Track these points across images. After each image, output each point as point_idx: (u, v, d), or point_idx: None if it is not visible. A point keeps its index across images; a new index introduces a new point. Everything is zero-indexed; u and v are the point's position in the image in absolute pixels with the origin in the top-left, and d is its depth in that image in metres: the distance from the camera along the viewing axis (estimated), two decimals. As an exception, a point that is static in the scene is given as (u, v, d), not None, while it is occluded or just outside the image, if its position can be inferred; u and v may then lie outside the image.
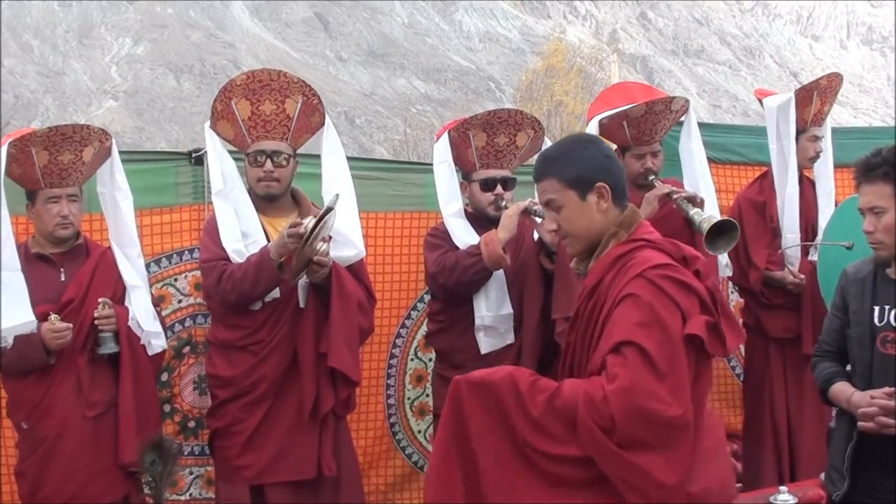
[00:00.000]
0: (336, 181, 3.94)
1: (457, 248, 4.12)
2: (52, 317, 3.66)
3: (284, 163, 3.94)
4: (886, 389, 3.04)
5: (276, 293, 3.84)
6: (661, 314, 2.46)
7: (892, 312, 3.12)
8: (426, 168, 4.88)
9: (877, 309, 3.16)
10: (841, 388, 3.22)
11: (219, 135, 3.99)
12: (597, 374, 2.49)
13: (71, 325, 3.69)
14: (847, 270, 3.33)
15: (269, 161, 3.91)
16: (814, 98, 4.69)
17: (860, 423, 3.07)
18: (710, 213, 4.30)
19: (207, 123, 4.03)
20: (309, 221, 3.62)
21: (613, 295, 2.54)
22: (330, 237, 3.81)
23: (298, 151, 4.09)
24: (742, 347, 5.26)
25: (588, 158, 2.66)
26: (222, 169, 3.93)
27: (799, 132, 4.73)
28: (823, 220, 4.63)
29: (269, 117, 3.92)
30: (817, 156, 4.76)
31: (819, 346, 3.42)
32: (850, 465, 3.14)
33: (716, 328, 2.52)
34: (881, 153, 3.12)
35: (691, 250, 2.64)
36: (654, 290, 2.49)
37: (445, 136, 4.23)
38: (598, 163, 2.66)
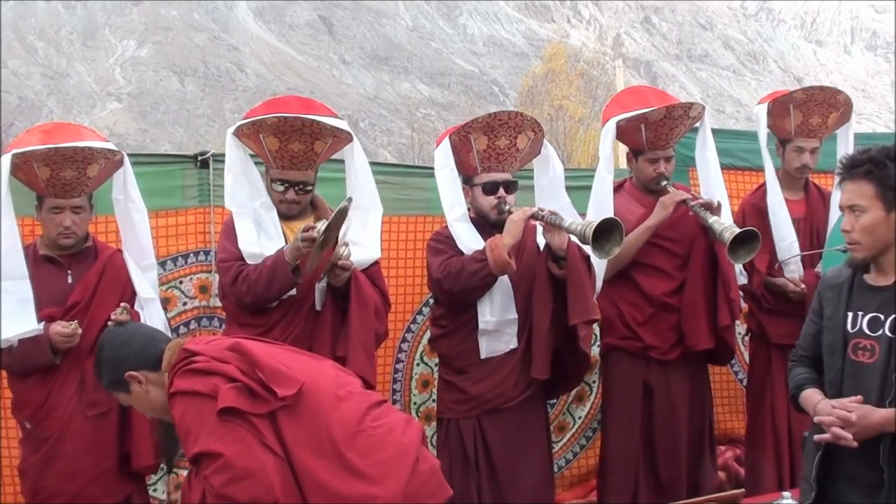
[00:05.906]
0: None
1: (460, 252, 4.10)
2: (73, 324, 3.66)
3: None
4: (853, 398, 2.95)
5: (292, 291, 3.84)
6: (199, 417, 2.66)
7: (866, 319, 3.02)
8: (431, 172, 4.86)
9: (850, 315, 3.05)
10: (809, 395, 3.14)
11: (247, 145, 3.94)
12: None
13: (79, 331, 3.68)
14: (826, 275, 3.24)
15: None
16: (791, 110, 4.65)
17: (819, 434, 3.00)
18: (729, 222, 4.28)
19: (231, 129, 3.95)
20: (322, 225, 3.63)
21: None
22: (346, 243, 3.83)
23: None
24: (746, 352, 5.26)
25: None
26: (247, 179, 3.91)
27: (785, 142, 4.73)
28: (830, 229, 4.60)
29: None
30: (805, 167, 4.70)
31: (795, 351, 3.33)
32: (818, 476, 3.05)
33: (251, 389, 2.67)
34: (869, 151, 3.02)
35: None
36: (183, 399, 2.70)
37: (446, 141, 4.21)
38: None
